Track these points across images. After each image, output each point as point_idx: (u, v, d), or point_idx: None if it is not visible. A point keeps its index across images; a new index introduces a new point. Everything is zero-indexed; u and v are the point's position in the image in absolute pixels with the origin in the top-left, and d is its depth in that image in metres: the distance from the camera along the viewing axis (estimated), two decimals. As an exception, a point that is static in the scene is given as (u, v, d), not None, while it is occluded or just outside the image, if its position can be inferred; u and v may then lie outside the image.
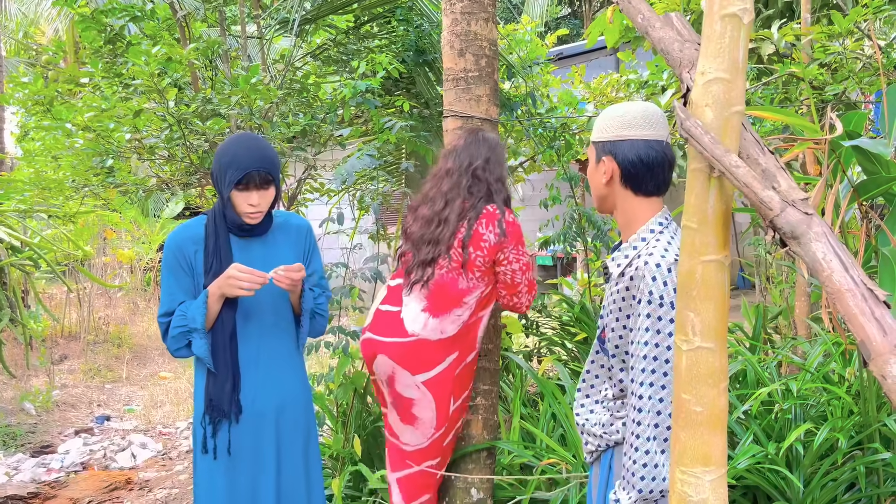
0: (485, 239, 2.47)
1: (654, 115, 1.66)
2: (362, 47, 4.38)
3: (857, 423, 2.51)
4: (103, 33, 4.00)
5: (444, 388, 2.51)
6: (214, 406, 2.19)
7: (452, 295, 2.51)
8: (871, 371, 0.94)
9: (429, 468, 2.57)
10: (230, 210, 2.20)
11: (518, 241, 2.51)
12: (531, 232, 8.12)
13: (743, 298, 5.67)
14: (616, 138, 1.66)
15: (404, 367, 2.51)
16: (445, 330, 2.51)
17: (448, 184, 2.56)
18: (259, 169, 2.12)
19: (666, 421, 1.54)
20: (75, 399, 6.23)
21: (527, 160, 5.32)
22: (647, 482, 1.56)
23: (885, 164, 2.03)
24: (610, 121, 1.68)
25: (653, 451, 1.55)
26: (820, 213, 1.22)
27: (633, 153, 1.64)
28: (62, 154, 3.87)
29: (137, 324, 8.94)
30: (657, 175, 1.66)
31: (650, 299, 1.55)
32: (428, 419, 2.52)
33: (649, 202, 1.68)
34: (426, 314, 2.51)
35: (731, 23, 1.08)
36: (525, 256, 2.53)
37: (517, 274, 2.52)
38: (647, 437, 1.55)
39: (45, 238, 6.15)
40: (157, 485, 4.25)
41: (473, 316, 2.55)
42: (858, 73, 3.51)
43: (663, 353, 1.54)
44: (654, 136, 1.65)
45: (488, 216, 2.50)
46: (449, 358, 2.52)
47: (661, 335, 1.54)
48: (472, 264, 2.49)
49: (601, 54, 10.55)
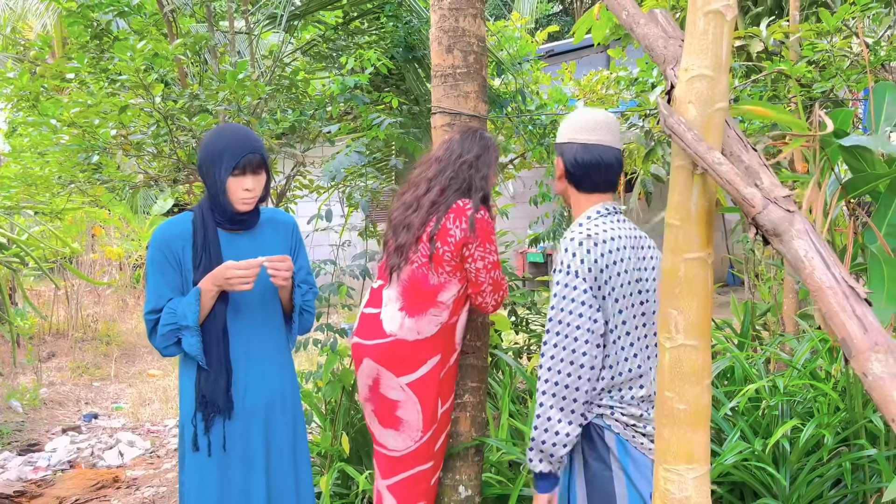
0: (451, 234, 2.44)
1: (600, 122, 1.88)
2: (351, 43, 4.36)
3: (843, 420, 2.52)
4: (90, 28, 3.96)
5: (429, 390, 2.49)
6: (208, 402, 2.18)
7: (426, 291, 2.48)
8: (853, 368, 0.94)
9: (422, 472, 2.53)
10: (224, 198, 2.18)
11: (486, 238, 2.46)
12: (521, 229, 8.12)
13: (732, 295, 5.68)
14: (564, 140, 1.92)
15: (388, 369, 2.49)
16: (422, 331, 2.48)
17: (433, 171, 2.55)
18: (254, 152, 2.15)
19: (565, 380, 1.70)
20: (63, 397, 6.19)
21: (517, 157, 5.31)
22: (541, 433, 1.72)
23: (871, 161, 2.03)
24: (566, 124, 1.94)
25: (551, 406, 1.71)
26: (808, 212, 1.22)
27: (571, 155, 1.89)
28: (49, 150, 3.83)
29: (126, 321, 8.89)
30: (593, 175, 1.88)
31: (559, 268, 1.76)
32: (413, 421, 2.49)
33: (590, 198, 1.91)
34: (402, 313, 2.50)
35: (715, 19, 1.07)
36: (493, 255, 2.48)
37: (481, 272, 2.46)
38: (544, 392, 1.72)
39: (32, 235, 6.10)
40: (144, 483, 4.23)
41: (452, 317, 2.52)
42: (846, 70, 3.52)
43: (566, 316, 1.71)
44: (594, 141, 1.87)
45: (457, 211, 2.46)
46: (431, 361, 2.49)
47: (565, 301, 1.72)
48: (440, 259, 2.46)
49: (592, 51, 10.55)
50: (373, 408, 2.55)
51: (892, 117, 2.23)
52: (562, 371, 1.69)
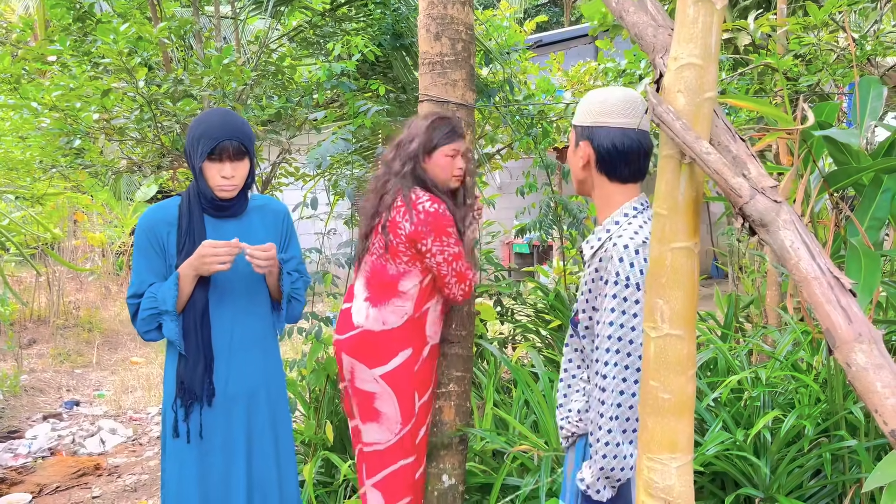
0: (401, 226, 2.43)
1: (633, 102, 1.67)
2: (338, 30, 4.33)
3: (823, 411, 2.54)
4: (73, 10, 3.90)
5: (404, 383, 2.49)
6: (186, 389, 2.17)
7: (386, 282, 2.49)
8: (836, 359, 0.94)
9: (405, 466, 2.53)
10: (203, 183, 2.16)
11: (438, 231, 2.41)
12: (508, 219, 8.12)
13: (716, 287, 5.73)
14: (594, 124, 1.68)
15: (360, 361, 2.51)
16: (387, 321, 2.48)
17: (392, 155, 2.56)
18: (232, 138, 2.10)
19: (629, 401, 1.56)
20: (44, 384, 6.14)
21: (504, 147, 5.30)
22: (609, 461, 1.58)
23: (855, 154, 2.04)
24: (590, 106, 1.69)
25: (615, 430, 1.57)
26: (791, 204, 1.22)
27: (608, 140, 1.66)
28: (30, 134, 3.78)
29: (109, 308, 8.82)
30: (631, 163, 1.67)
31: (616, 280, 1.57)
32: (392, 414, 2.49)
33: (624, 188, 1.69)
34: (367, 304, 2.51)
35: (705, 8, 1.07)
36: (451, 247, 2.43)
37: (442, 266, 2.44)
38: (609, 417, 1.57)
39: (13, 220, 6.02)
40: (126, 471, 4.20)
41: (418, 309, 2.50)
42: (832, 64, 3.54)
43: (627, 333, 1.56)
44: (631, 125, 1.66)
45: (409, 203, 2.43)
46: (403, 353, 2.49)
47: (626, 316, 1.55)
48: (395, 249, 2.46)
49: (580, 42, 10.55)
50: (356, 402, 2.55)
51: (877, 112, 2.25)
52: (625, 392, 1.56)
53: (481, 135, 4.82)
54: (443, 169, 2.51)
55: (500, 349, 4.20)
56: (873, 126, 2.31)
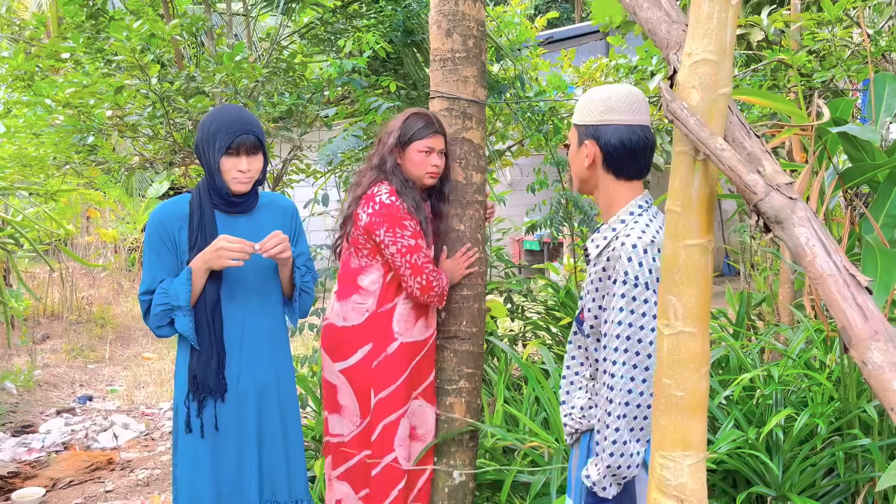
0: (360, 217, 2.46)
1: (636, 99, 1.67)
2: (349, 26, 4.33)
3: (836, 409, 2.53)
4: (85, 8, 3.92)
5: (361, 379, 2.50)
6: (199, 383, 2.18)
7: (349, 276, 2.53)
8: (851, 357, 0.93)
9: (368, 459, 2.53)
10: (219, 178, 2.18)
11: (392, 222, 2.41)
12: (518, 216, 8.11)
13: (727, 285, 5.69)
14: (599, 122, 1.67)
15: (326, 353, 2.57)
16: (348, 317, 2.51)
17: (373, 150, 2.62)
18: (248, 132, 2.14)
19: (636, 400, 1.56)
20: (57, 379, 6.19)
21: (514, 144, 5.29)
22: (616, 458, 1.58)
23: (871, 151, 2.02)
24: (593, 104, 1.69)
25: (622, 429, 1.58)
26: (805, 200, 1.21)
27: (615, 138, 1.66)
28: (44, 131, 3.80)
29: (121, 304, 8.87)
30: (639, 159, 1.67)
31: (625, 279, 1.57)
32: (351, 407, 2.54)
33: (630, 186, 1.70)
34: (334, 297, 2.57)
35: (720, 3, 1.06)
36: (405, 239, 2.42)
37: (396, 257, 2.43)
38: (617, 416, 1.58)
39: (27, 216, 6.06)
40: (138, 465, 4.23)
41: (382, 305, 2.50)
42: (847, 60, 3.51)
43: (636, 332, 1.56)
44: (637, 121, 1.66)
45: (368, 196, 2.47)
46: (363, 349, 2.50)
47: (635, 315, 1.56)
48: (356, 240, 2.50)
49: (591, 39, 10.51)
50: (324, 392, 2.61)
51: (892, 108, 2.23)
52: (633, 391, 1.56)
53: (492, 131, 4.81)
54: (416, 165, 2.51)
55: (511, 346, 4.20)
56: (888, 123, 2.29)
